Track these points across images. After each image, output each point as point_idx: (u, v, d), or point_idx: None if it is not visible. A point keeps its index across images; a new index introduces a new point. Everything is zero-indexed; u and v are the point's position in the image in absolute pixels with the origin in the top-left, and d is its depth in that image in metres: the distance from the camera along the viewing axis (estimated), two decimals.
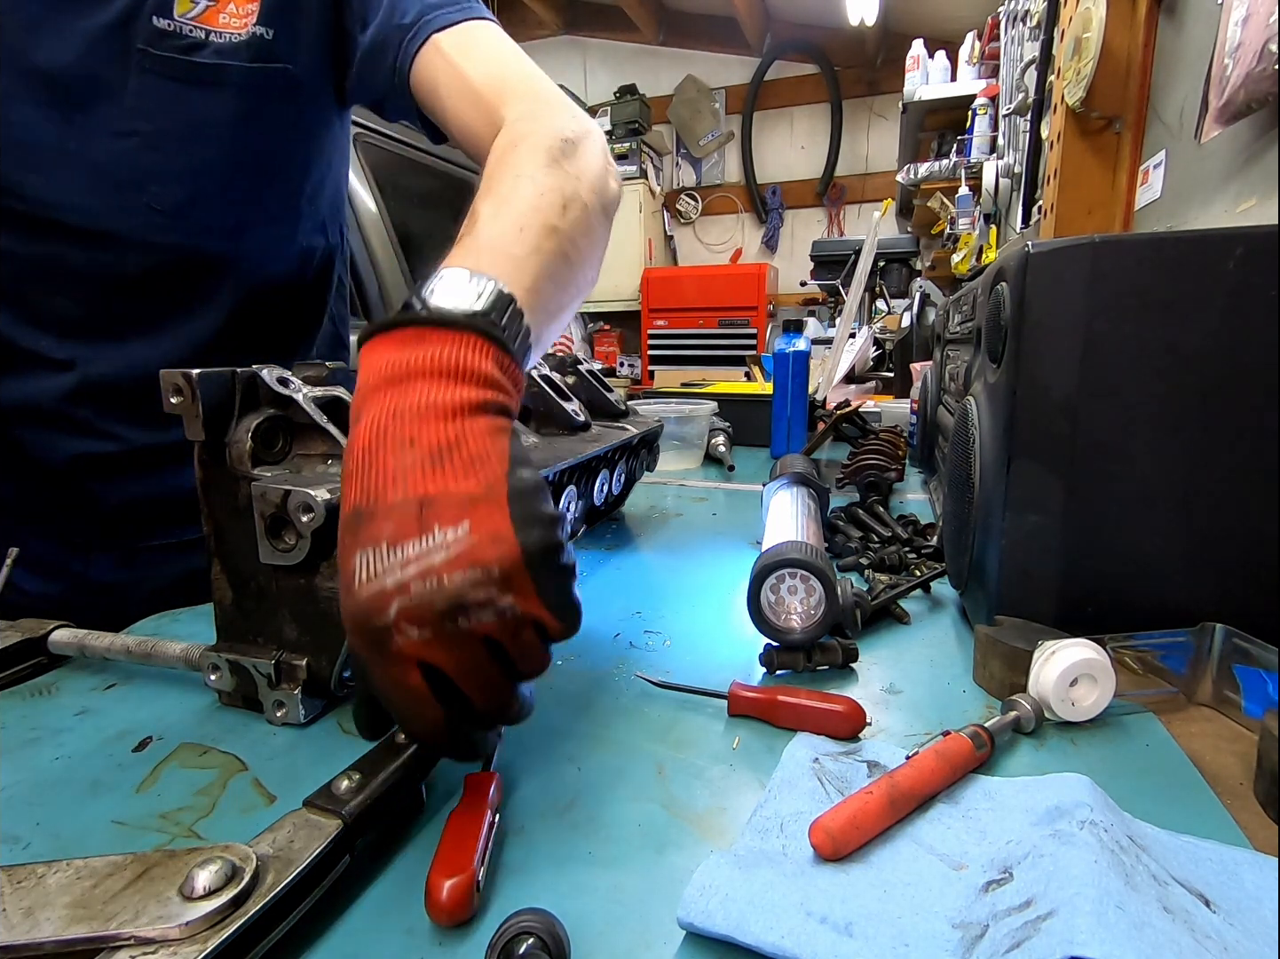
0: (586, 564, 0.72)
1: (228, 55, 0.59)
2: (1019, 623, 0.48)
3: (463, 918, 0.29)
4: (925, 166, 2.91)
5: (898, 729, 0.43)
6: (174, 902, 0.25)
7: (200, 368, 0.41)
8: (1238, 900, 0.28)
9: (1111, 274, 0.44)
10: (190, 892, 0.25)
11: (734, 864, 0.29)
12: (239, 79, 0.60)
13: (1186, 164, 1.08)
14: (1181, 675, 0.44)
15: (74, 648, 0.50)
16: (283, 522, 0.41)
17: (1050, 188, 1.44)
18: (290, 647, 0.43)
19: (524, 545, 0.29)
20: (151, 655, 0.47)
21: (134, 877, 0.27)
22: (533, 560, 0.29)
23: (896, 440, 1.02)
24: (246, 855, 0.27)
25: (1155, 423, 0.45)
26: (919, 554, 0.69)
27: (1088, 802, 0.31)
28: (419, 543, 0.28)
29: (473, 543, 0.28)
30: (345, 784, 0.32)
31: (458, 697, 0.31)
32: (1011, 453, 0.47)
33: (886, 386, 2.12)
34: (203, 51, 0.59)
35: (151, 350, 0.65)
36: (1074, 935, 0.24)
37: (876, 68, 4.19)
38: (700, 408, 1.17)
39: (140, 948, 0.24)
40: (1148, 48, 1.25)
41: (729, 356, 4.03)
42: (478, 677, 0.30)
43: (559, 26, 4.61)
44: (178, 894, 0.26)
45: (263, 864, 0.27)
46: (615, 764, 0.39)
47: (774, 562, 0.49)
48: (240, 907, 0.26)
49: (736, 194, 4.67)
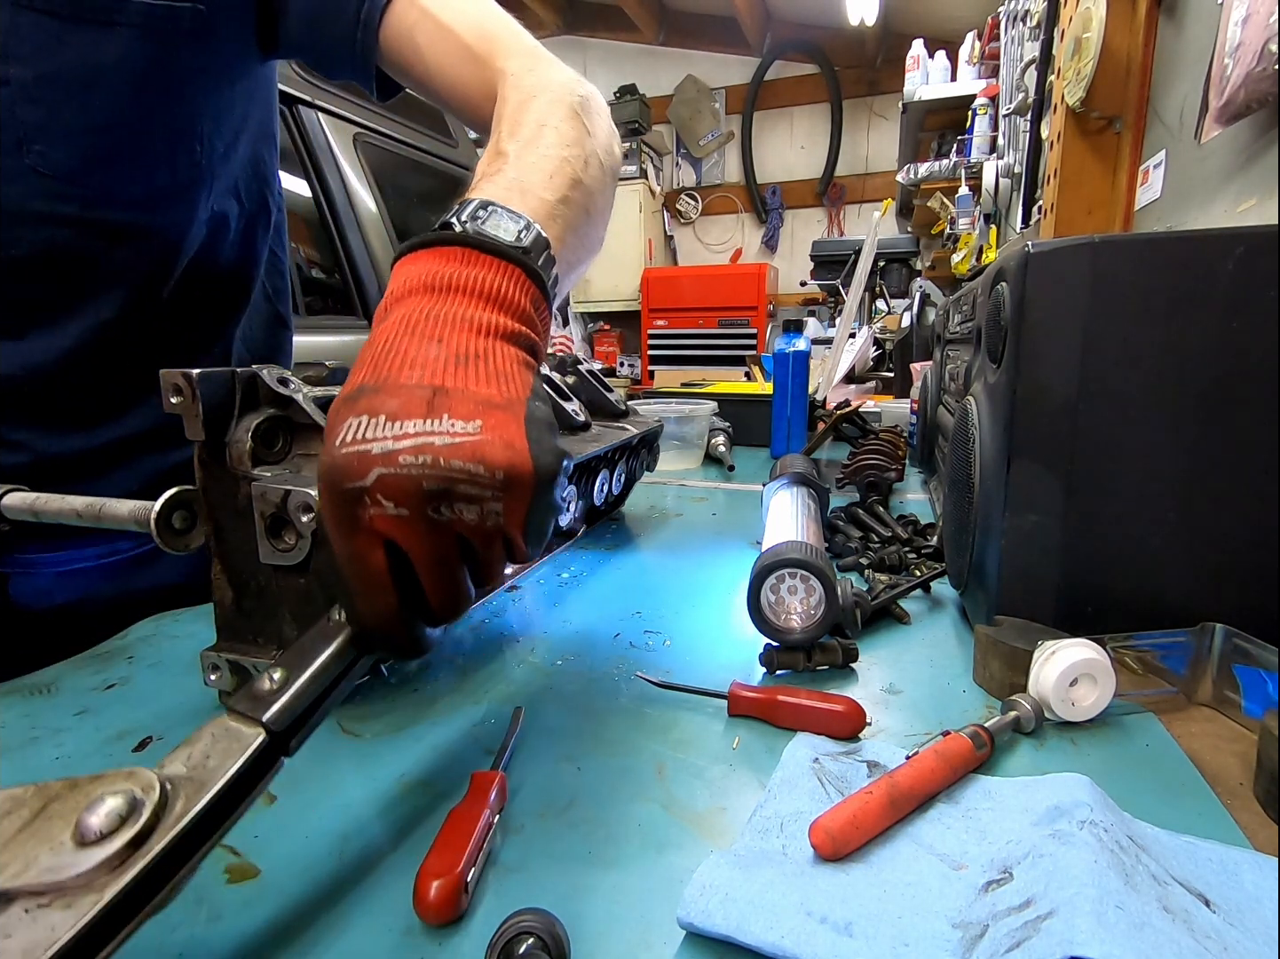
0: (586, 564, 0.72)
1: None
2: (1019, 623, 0.48)
3: (450, 917, 0.28)
4: (925, 166, 2.91)
5: (898, 729, 0.43)
6: (67, 848, 0.23)
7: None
8: (1238, 900, 0.28)
9: (1111, 274, 0.44)
10: (84, 837, 0.23)
11: (734, 864, 0.29)
12: (139, 18, 0.51)
13: (1186, 164, 1.08)
14: (1181, 675, 0.44)
15: (26, 512, 0.47)
16: (283, 522, 0.41)
17: (1050, 188, 1.44)
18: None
19: (536, 462, 0.28)
20: (101, 517, 0.45)
21: (31, 816, 0.24)
22: (540, 480, 0.29)
23: (896, 440, 1.02)
24: (149, 784, 0.24)
25: (1155, 423, 0.45)
26: (919, 554, 0.69)
27: (1087, 801, 0.31)
28: (423, 423, 0.27)
29: (484, 440, 0.28)
30: (267, 685, 0.28)
31: (414, 589, 0.29)
32: (1011, 453, 0.47)
33: (886, 386, 2.12)
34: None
35: (53, 342, 0.57)
36: (1074, 935, 0.24)
37: (876, 68, 4.19)
38: (700, 408, 1.17)
39: (33, 899, 0.22)
40: (1148, 48, 1.25)
41: (729, 356, 4.03)
42: (444, 571, 0.29)
43: (559, 26, 4.61)
44: (71, 838, 0.23)
45: (171, 790, 0.25)
46: (615, 764, 0.39)
47: (774, 562, 0.49)
48: (141, 847, 0.23)
49: (736, 194, 4.67)
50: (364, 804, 0.36)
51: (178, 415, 0.40)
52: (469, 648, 0.54)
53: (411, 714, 0.45)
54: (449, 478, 0.27)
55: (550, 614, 0.60)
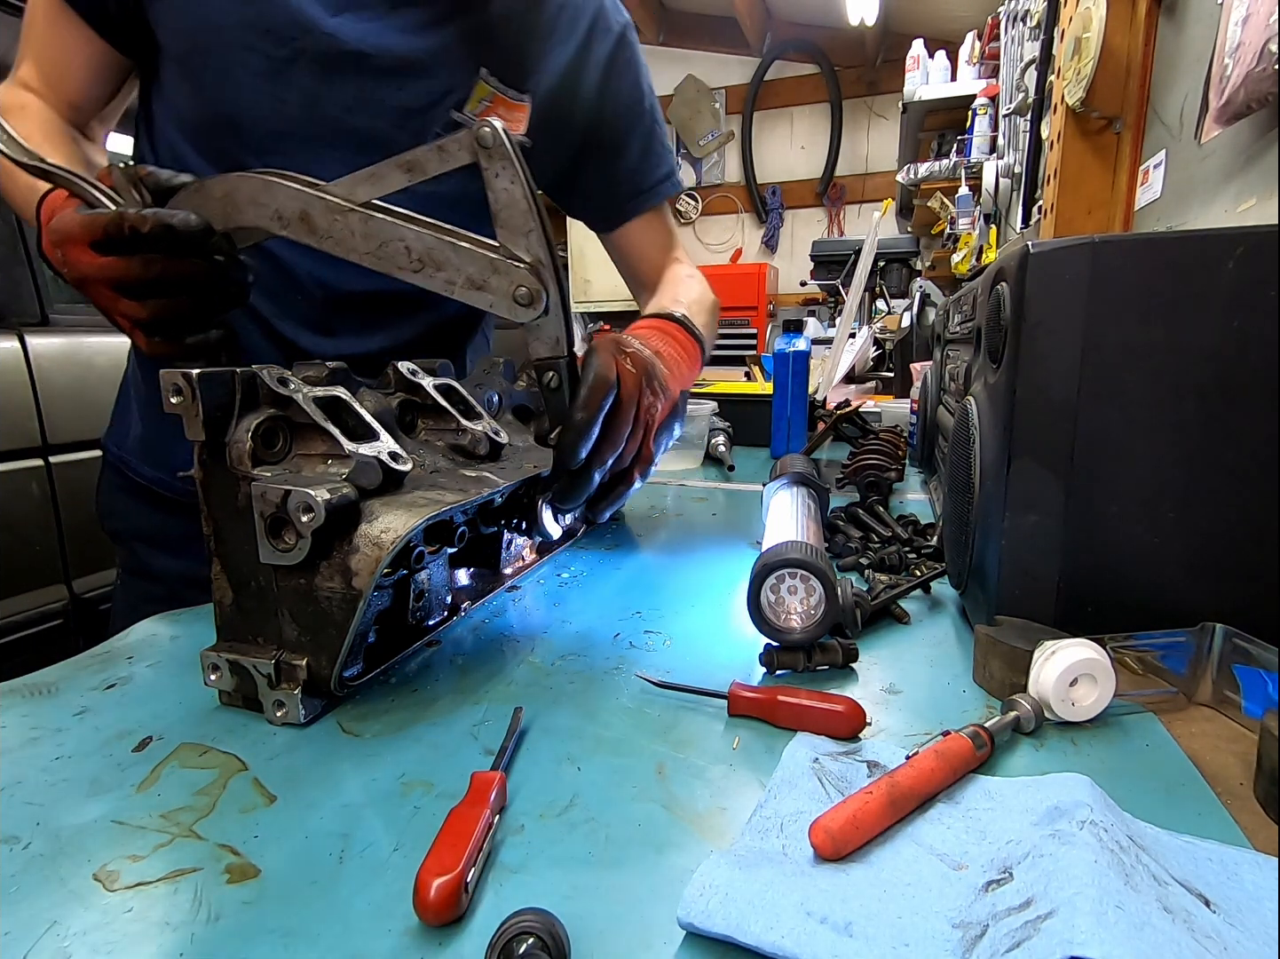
0: (586, 564, 0.72)
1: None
2: (1019, 623, 0.48)
3: (450, 918, 0.28)
4: (925, 166, 2.90)
5: (898, 729, 0.43)
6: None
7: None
8: (1238, 900, 0.28)
9: (1111, 274, 0.44)
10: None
11: (734, 864, 0.29)
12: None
13: (1186, 164, 1.08)
14: (1181, 675, 0.44)
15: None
16: (283, 522, 0.41)
17: (1050, 188, 1.44)
18: (290, 647, 0.43)
19: (678, 399, 0.59)
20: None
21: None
22: (677, 404, 0.59)
23: (896, 440, 1.02)
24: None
25: (1155, 423, 0.45)
26: (919, 554, 0.69)
27: (1087, 802, 0.31)
28: (651, 354, 0.57)
29: (666, 373, 0.57)
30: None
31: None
32: (1011, 453, 0.47)
33: (886, 386, 2.12)
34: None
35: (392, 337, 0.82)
36: (1074, 935, 0.24)
37: (876, 68, 4.19)
38: (700, 408, 1.17)
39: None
40: (1148, 48, 1.25)
41: (729, 356, 4.02)
42: (628, 411, 0.51)
43: None
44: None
45: None
46: (615, 764, 0.39)
47: (774, 561, 0.49)
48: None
49: (736, 194, 4.67)
50: (364, 804, 0.36)
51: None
52: (469, 648, 0.54)
53: (411, 714, 0.45)
54: (655, 368, 0.54)
55: (550, 614, 0.60)
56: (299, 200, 0.45)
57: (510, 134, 0.42)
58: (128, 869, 0.32)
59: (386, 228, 0.44)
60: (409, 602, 0.51)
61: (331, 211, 0.44)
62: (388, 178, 0.44)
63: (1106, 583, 0.47)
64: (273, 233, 0.46)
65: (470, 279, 0.44)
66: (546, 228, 0.44)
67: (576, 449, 0.47)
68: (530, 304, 0.44)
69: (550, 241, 0.44)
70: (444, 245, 0.44)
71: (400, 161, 0.43)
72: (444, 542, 0.52)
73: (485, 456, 0.55)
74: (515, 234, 0.43)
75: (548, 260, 0.44)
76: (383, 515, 0.42)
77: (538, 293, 0.43)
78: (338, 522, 0.41)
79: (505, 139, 0.41)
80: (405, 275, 0.44)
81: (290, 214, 0.45)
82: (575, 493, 0.49)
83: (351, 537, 0.41)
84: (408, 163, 0.43)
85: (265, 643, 0.44)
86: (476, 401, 0.58)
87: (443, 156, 0.43)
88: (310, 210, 0.45)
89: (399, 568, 0.48)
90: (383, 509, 0.43)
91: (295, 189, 0.45)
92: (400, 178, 0.44)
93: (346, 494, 0.41)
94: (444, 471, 0.52)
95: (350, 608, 0.41)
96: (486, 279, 0.44)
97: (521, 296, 0.43)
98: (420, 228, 0.44)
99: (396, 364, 0.55)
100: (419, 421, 0.55)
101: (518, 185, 0.42)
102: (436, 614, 0.56)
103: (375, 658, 0.49)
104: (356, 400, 0.47)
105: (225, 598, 0.45)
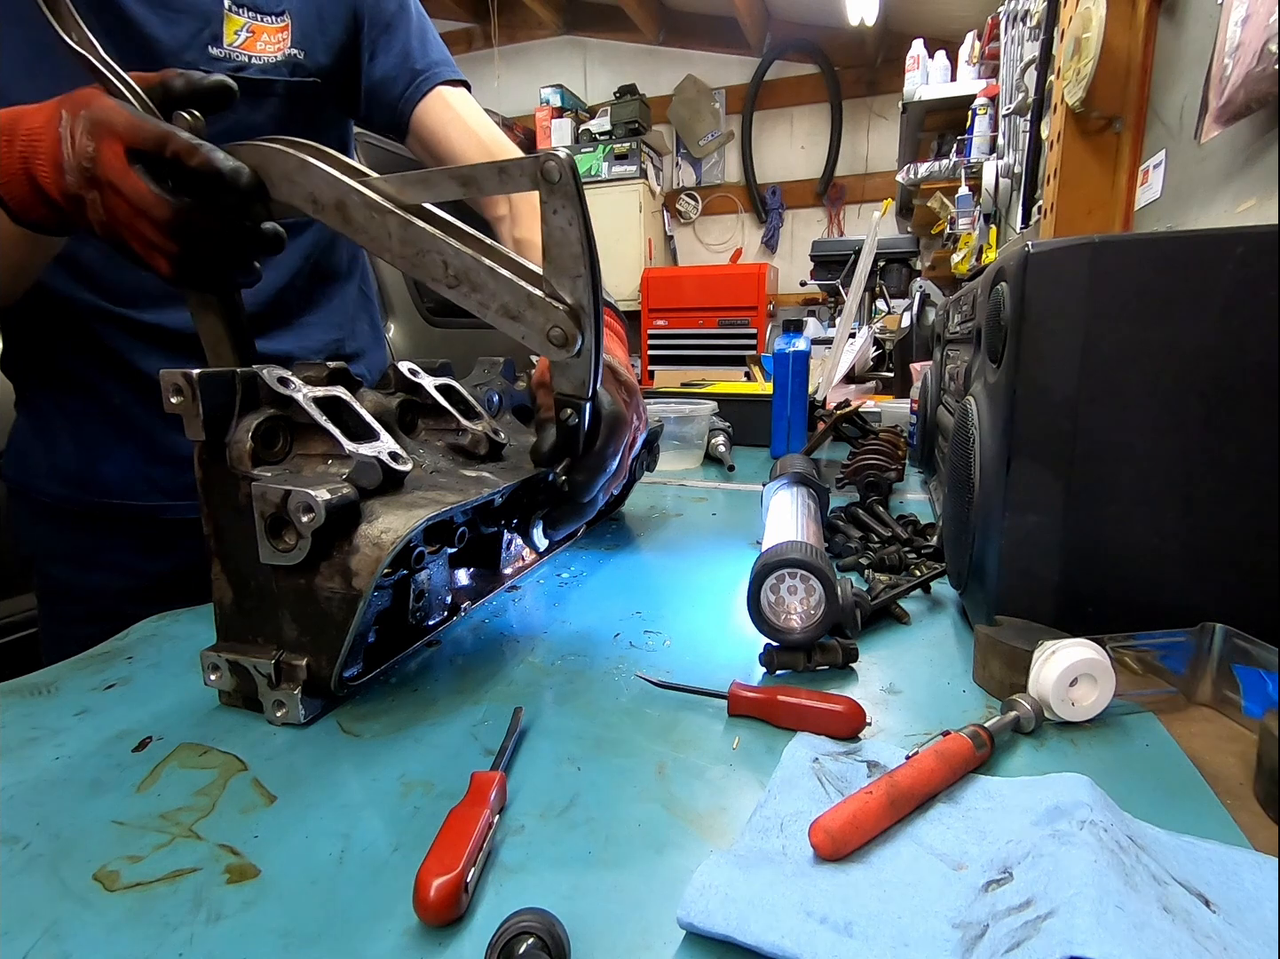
0: (586, 564, 0.72)
1: (270, 72, 0.73)
2: (1019, 623, 0.48)
3: (450, 918, 0.29)
4: (925, 166, 2.90)
5: (898, 729, 0.43)
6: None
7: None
8: (1238, 900, 0.28)
9: (1111, 274, 0.44)
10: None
11: (734, 864, 0.29)
12: (280, 90, 0.74)
13: (1186, 164, 1.08)
14: (1181, 675, 0.44)
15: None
16: (283, 521, 0.41)
17: (1050, 188, 1.44)
18: (290, 647, 0.43)
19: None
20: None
21: None
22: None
23: (896, 440, 1.02)
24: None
25: (1155, 423, 0.45)
26: (919, 554, 0.69)
27: (1087, 802, 0.31)
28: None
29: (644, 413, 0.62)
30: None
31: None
32: (1011, 453, 0.47)
33: (886, 386, 2.12)
34: (248, 70, 0.72)
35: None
36: (1074, 935, 0.24)
37: (876, 68, 4.19)
38: (700, 408, 1.17)
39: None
40: (1148, 48, 1.25)
41: (729, 356, 4.03)
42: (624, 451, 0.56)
43: (559, 26, 4.61)
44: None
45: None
46: (615, 764, 0.39)
47: (774, 561, 0.49)
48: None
49: (736, 194, 4.67)
50: (364, 804, 0.36)
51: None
52: (469, 648, 0.54)
53: (411, 714, 0.45)
54: (637, 394, 0.59)
55: (550, 614, 0.60)
56: (336, 190, 0.44)
57: (578, 173, 0.41)
58: (128, 869, 0.32)
59: (425, 238, 0.43)
60: (409, 602, 0.51)
61: (369, 208, 0.44)
62: (439, 186, 0.43)
63: (1106, 583, 0.47)
64: (305, 214, 0.45)
65: (505, 307, 0.43)
66: (597, 274, 0.43)
67: (593, 487, 0.52)
68: (564, 345, 0.43)
69: (598, 288, 0.43)
70: (481, 269, 0.43)
71: (457, 174, 0.43)
72: (444, 542, 0.52)
73: (485, 457, 0.55)
74: (562, 274, 0.43)
75: (590, 308, 0.43)
76: (383, 516, 0.42)
77: (574, 336, 0.43)
78: (338, 522, 0.41)
79: (572, 178, 0.41)
80: (439, 288, 0.44)
81: (326, 201, 0.44)
82: (579, 519, 0.55)
83: (352, 537, 0.41)
84: (464, 177, 0.43)
85: (265, 643, 0.44)
86: (476, 402, 0.58)
87: (503, 178, 0.42)
88: (347, 202, 0.44)
89: (399, 568, 0.48)
90: (383, 509, 0.43)
91: (334, 176, 0.44)
92: (454, 189, 0.43)
93: (346, 494, 0.41)
94: (444, 472, 0.52)
95: (350, 608, 0.41)
96: (522, 312, 0.43)
97: (556, 337, 0.43)
98: (461, 244, 0.43)
99: (396, 364, 0.55)
100: (419, 422, 0.55)
101: (575, 228, 0.41)
102: (436, 614, 0.56)
103: (375, 658, 0.49)
104: (356, 400, 0.47)
105: (225, 598, 0.45)
